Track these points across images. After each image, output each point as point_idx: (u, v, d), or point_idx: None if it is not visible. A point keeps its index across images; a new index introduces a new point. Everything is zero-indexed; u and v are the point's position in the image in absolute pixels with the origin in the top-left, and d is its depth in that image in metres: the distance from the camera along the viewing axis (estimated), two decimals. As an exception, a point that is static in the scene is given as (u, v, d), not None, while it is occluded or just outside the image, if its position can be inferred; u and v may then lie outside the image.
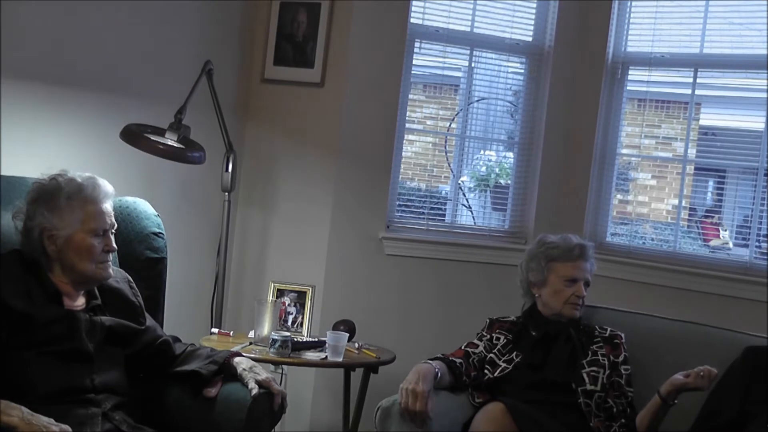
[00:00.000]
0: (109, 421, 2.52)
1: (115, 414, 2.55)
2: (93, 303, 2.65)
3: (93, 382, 2.54)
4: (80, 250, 2.57)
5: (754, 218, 4.23)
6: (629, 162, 4.75)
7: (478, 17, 4.46)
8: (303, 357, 3.54)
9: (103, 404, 2.53)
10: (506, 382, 3.12)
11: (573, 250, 3.24)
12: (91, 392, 2.53)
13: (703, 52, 4.36)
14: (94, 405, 2.51)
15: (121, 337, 2.69)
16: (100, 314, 2.64)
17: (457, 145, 4.62)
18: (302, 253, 4.25)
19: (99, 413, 2.50)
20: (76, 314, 2.57)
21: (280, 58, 4.23)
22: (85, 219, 2.58)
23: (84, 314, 2.59)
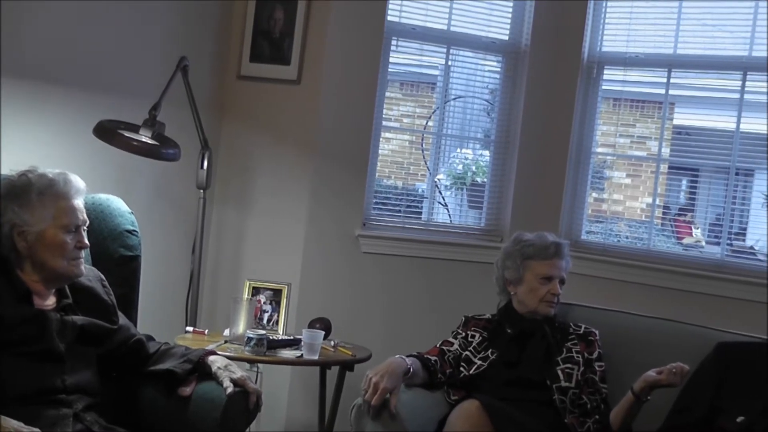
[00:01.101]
0: (80, 422, 2.49)
1: (87, 415, 2.53)
2: (64, 302, 2.62)
3: (64, 383, 2.51)
4: (52, 247, 2.54)
5: (726, 216, 4.27)
6: (604, 161, 4.78)
7: (455, 16, 4.46)
8: (278, 355, 3.53)
9: (75, 405, 2.51)
10: (482, 379, 3.13)
11: (549, 249, 3.26)
12: (63, 393, 2.50)
13: (676, 52, 4.39)
14: (66, 406, 2.49)
15: (94, 336, 2.67)
16: (71, 313, 2.61)
17: (434, 143, 4.62)
18: (278, 250, 4.24)
19: (70, 414, 2.48)
20: (47, 314, 2.54)
21: (256, 54, 4.22)
22: (56, 215, 2.56)
23: (55, 314, 2.56)
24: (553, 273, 3.24)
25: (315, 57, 4.18)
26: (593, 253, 4.40)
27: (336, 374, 3.77)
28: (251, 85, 4.25)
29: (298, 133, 4.24)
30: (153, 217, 3.89)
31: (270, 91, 4.24)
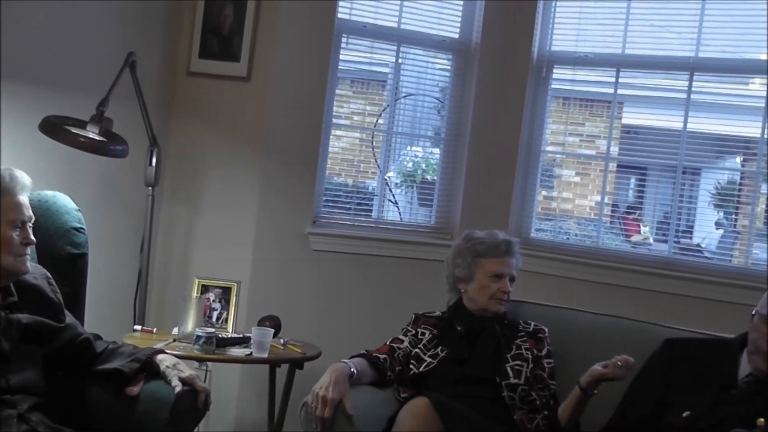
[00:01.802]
0: (25, 422, 2.46)
1: (32, 415, 2.49)
2: (9, 300, 2.58)
3: (8, 383, 2.48)
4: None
5: (673, 214, 4.32)
6: (554, 159, 4.82)
7: (405, 13, 4.46)
8: (227, 353, 3.51)
9: (19, 405, 2.47)
10: (431, 376, 3.13)
11: (499, 246, 3.27)
12: (7, 393, 2.47)
13: (625, 52, 4.44)
14: (9, 406, 2.45)
15: (39, 335, 2.63)
16: (16, 312, 2.58)
17: (384, 141, 4.63)
18: (228, 248, 4.21)
19: (14, 415, 2.44)
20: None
21: (205, 51, 4.18)
22: (2, 210, 2.52)
23: (0, 312, 2.53)
24: (503, 271, 3.25)
25: (265, 54, 4.16)
26: (543, 251, 4.43)
27: (285, 372, 3.76)
28: (201, 81, 4.22)
29: (248, 130, 4.21)
30: (100, 214, 3.84)
31: (219, 88, 4.20)
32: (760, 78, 4.25)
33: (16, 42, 3.52)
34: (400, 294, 4.38)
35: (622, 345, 3.28)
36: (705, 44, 4.26)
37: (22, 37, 3.55)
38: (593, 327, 3.41)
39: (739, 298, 3.79)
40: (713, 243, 5.11)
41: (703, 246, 4.89)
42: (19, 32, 3.53)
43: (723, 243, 5.06)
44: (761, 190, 4.43)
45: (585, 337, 3.37)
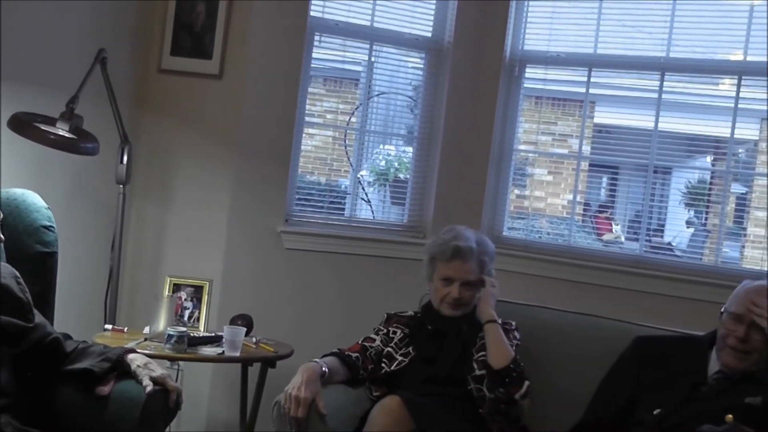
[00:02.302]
0: (-7, 424, 2.44)
1: (1, 416, 2.46)
2: (-24, 300, 2.56)
3: (-24, 384, 2.46)
4: (-36, 241, 2.48)
5: (644, 213, 4.35)
6: (526, 158, 4.83)
7: (378, 12, 4.46)
8: (199, 352, 3.50)
9: (-13, 406, 2.45)
10: (403, 375, 3.13)
11: (446, 251, 3.21)
12: (-25, 394, 2.44)
13: (597, 52, 4.46)
14: (-23, 407, 2.43)
15: (8, 335, 2.61)
16: (-16, 312, 2.56)
17: (357, 139, 4.62)
18: (200, 247, 4.20)
19: (-18, 416, 2.42)
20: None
21: (177, 48, 4.15)
22: (-33, 209, 2.49)
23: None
24: (451, 275, 3.20)
25: (237, 51, 4.14)
26: (515, 249, 4.45)
27: (258, 371, 3.74)
28: (172, 78, 4.19)
29: (220, 128, 4.19)
30: (71, 212, 3.81)
31: (192, 86, 4.18)
32: (729, 78, 4.29)
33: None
34: (372, 293, 4.37)
35: (593, 342, 3.32)
36: (676, 45, 4.29)
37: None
38: (565, 325, 3.42)
39: (709, 296, 3.82)
40: (684, 241, 5.16)
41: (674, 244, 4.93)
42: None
43: (693, 241, 5.10)
44: (731, 189, 4.47)
45: (557, 335, 3.39)
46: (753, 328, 2.80)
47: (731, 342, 2.83)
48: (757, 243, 4.34)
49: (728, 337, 2.84)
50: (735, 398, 2.73)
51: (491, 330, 3.08)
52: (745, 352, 2.82)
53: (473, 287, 3.22)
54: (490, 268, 3.29)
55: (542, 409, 3.22)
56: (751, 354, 2.82)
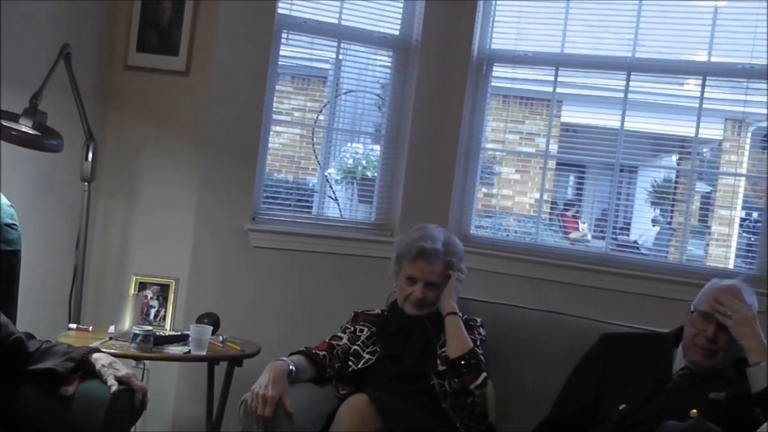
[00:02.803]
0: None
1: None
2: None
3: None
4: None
5: (611, 212, 4.38)
6: (494, 156, 4.84)
7: (346, 9, 4.45)
8: (165, 351, 3.47)
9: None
10: (370, 373, 3.13)
11: (411, 252, 3.22)
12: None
13: (564, 51, 4.48)
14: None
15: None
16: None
17: (325, 137, 4.61)
18: (166, 245, 4.17)
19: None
20: None
21: (143, 44, 4.12)
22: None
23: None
24: (415, 275, 3.21)
25: (204, 48, 4.12)
26: (482, 248, 4.46)
27: (224, 370, 3.73)
28: (139, 75, 4.16)
29: (187, 125, 4.17)
30: (34, 210, 3.76)
31: (158, 82, 4.15)
32: (694, 79, 4.33)
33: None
34: (340, 291, 4.37)
35: (559, 340, 3.34)
36: (641, 45, 4.33)
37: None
38: (532, 323, 3.44)
39: (675, 293, 3.85)
40: (649, 240, 5.19)
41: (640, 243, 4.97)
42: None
43: (659, 240, 5.14)
44: (696, 188, 4.52)
45: (524, 332, 3.41)
46: (721, 328, 2.84)
47: (700, 341, 2.86)
48: (721, 241, 4.39)
49: (697, 336, 2.87)
50: (699, 394, 2.76)
51: (451, 322, 3.11)
52: (713, 351, 2.85)
53: (437, 288, 3.22)
54: (460, 268, 3.29)
55: (509, 406, 3.23)
56: (717, 353, 2.85)
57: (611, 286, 4.19)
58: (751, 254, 4.16)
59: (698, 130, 4.21)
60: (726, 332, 2.83)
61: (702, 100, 4.21)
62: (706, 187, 4.82)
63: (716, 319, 2.83)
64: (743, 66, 4.12)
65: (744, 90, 4.15)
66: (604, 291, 4.19)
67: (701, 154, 4.58)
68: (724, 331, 2.83)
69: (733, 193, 4.34)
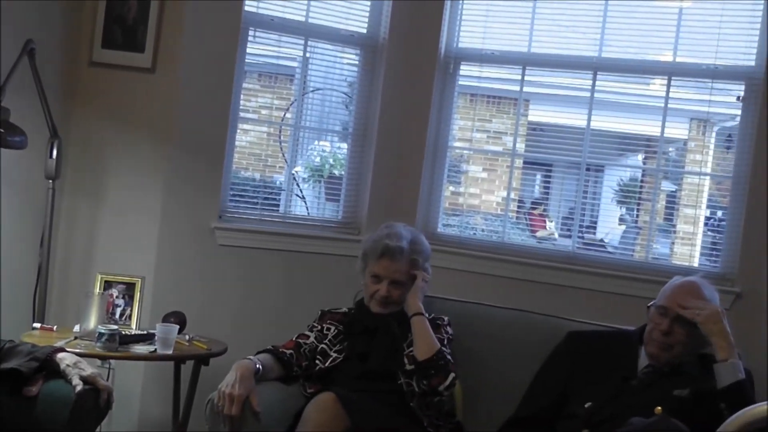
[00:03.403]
0: None
1: None
2: None
3: None
4: None
5: (577, 210, 4.40)
6: (461, 155, 4.85)
7: (313, 7, 4.44)
8: (131, 351, 3.45)
9: None
10: (337, 372, 3.13)
11: (377, 250, 3.23)
12: None
13: (531, 51, 4.50)
14: None
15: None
16: None
17: (292, 136, 4.59)
18: (132, 243, 4.13)
19: None
20: None
21: (109, 41, 4.08)
22: None
23: None
24: (381, 273, 3.21)
25: (170, 45, 4.09)
26: (449, 246, 4.46)
27: (191, 369, 3.71)
28: (104, 72, 4.12)
29: (153, 122, 4.14)
30: (-2, 208, 3.72)
31: (124, 79, 4.12)
32: (660, 79, 4.36)
33: None
34: (306, 289, 4.36)
35: (526, 338, 3.36)
36: (608, 45, 4.35)
37: None
38: (499, 321, 3.46)
39: (640, 291, 3.88)
40: (616, 238, 5.24)
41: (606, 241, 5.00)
42: None
43: (625, 238, 5.19)
44: (661, 187, 4.55)
45: (491, 331, 3.42)
46: (676, 322, 2.87)
47: (655, 335, 2.90)
48: (686, 240, 4.42)
49: (653, 330, 2.92)
50: (664, 391, 2.80)
51: (417, 323, 3.11)
52: (668, 344, 2.88)
53: (402, 286, 3.22)
54: (425, 267, 3.29)
55: (476, 404, 3.25)
56: (674, 347, 2.89)
57: (578, 284, 4.21)
58: (716, 252, 4.20)
59: (664, 129, 4.25)
60: (683, 327, 2.86)
61: (667, 99, 4.24)
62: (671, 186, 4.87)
63: (672, 314, 2.87)
64: (708, 66, 4.16)
65: (708, 90, 4.18)
66: (571, 289, 4.21)
67: (666, 154, 4.62)
68: (680, 326, 2.87)
69: (697, 192, 4.38)
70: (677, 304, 2.89)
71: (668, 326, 2.87)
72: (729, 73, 4.14)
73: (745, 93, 4.08)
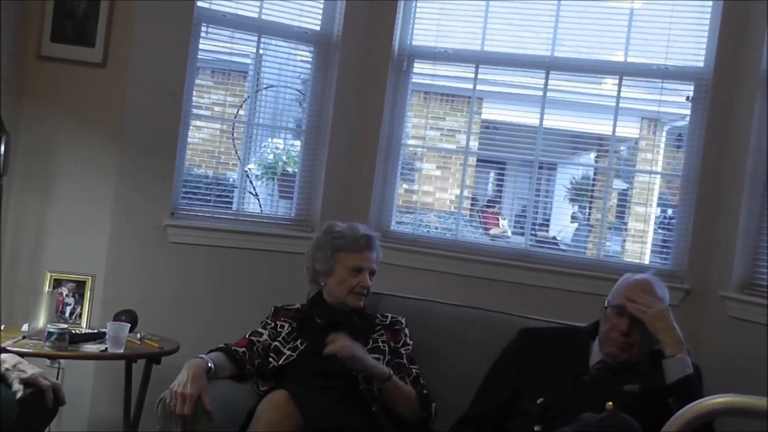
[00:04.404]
0: None
1: None
2: None
3: None
4: None
5: (530, 208, 4.43)
6: (415, 153, 4.86)
7: (266, 4, 4.42)
8: (81, 350, 3.42)
9: None
10: (291, 369, 3.12)
11: (359, 241, 3.26)
12: None
13: (484, 49, 4.52)
14: None
15: None
16: None
17: (245, 133, 4.57)
18: (82, 241, 4.08)
19: None
20: None
21: (58, 35, 4.02)
22: None
23: None
24: (363, 265, 3.25)
25: (121, 40, 4.04)
26: (403, 244, 4.47)
27: (142, 368, 3.67)
28: (53, 66, 4.06)
29: (104, 118, 4.09)
30: (-57, 204, 3.65)
31: (74, 74, 4.06)
32: (612, 78, 4.41)
33: None
34: (260, 287, 4.34)
35: (479, 335, 3.37)
36: (560, 45, 4.39)
37: None
38: (452, 318, 3.47)
39: (592, 288, 3.92)
40: (568, 236, 5.27)
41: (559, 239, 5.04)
42: None
43: (577, 236, 5.23)
44: (613, 186, 4.60)
45: (444, 328, 3.43)
46: (635, 322, 2.89)
47: (614, 335, 2.91)
48: (637, 237, 4.48)
49: (611, 330, 2.93)
50: (615, 387, 2.82)
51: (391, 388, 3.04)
52: (628, 344, 2.91)
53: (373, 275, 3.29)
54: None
55: (430, 401, 3.24)
56: (633, 346, 2.91)
57: (531, 281, 4.24)
58: (666, 250, 4.25)
59: (615, 128, 4.29)
60: (640, 326, 2.88)
61: (619, 99, 4.29)
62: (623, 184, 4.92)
63: (629, 313, 2.89)
64: (658, 67, 4.21)
65: (659, 90, 4.23)
66: (524, 286, 4.24)
67: (618, 152, 4.67)
68: (637, 325, 2.89)
69: (648, 190, 4.44)
70: (627, 298, 2.91)
71: (627, 326, 2.89)
72: (679, 73, 4.19)
73: (695, 93, 4.14)
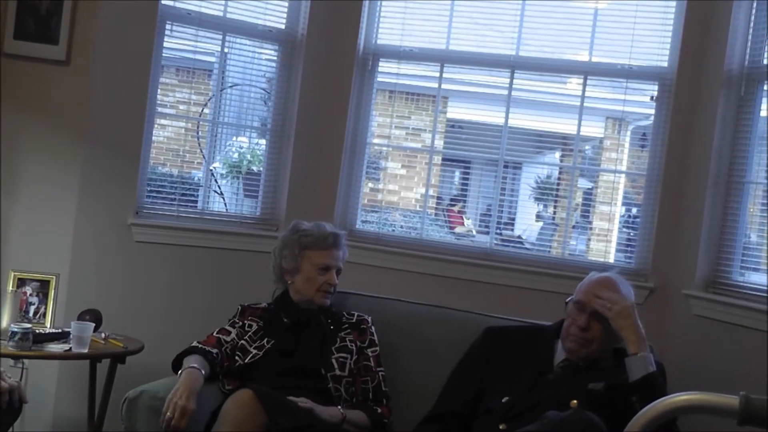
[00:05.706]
0: None
1: None
2: None
3: None
4: None
5: (495, 207, 4.45)
6: (380, 151, 4.87)
7: (231, 2, 4.40)
8: (45, 349, 3.39)
9: None
10: (257, 368, 3.11)
11: (327, 239, 3.28)
12: None
13: (449, 48, 4.53)
14: None
15: None
16: None
17: (210, 131, 4.55)
18: (46, 239, 4.05)
19: None
20: None
21: (21, 32, 3.97)
22: None
23: None
24: (330, 263, 3.27)
25: (85, 37, 4.01)
26: (368, 242, 4.47)
27: (107, 368, 3.65)
28: (16, 63, 4.01)
29: (68, 116, 4.05)
30: None
31: (37, 71, 4.02)
32: (576, 78, 4.44)
33: None
34: (225, 286, 4.33)
35: (444, 334, 3.39)
36: (525, 44, 4.41)
37: None
38: (417, 317, 3.48)
39: (557, 287, 3.95)
40: (533, 234, 5.31)
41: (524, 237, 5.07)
42: None
43: (542, 234, 5.26)
44: (577, 185, 4.64)
45: (409, 327, 3.44)
46: (594, 318, 2.92)
47: (573, 330, 2.94)
48: (602, 236, 4.52)
49: (571, 326, 2.96)
50: (579, 385, 2.84)
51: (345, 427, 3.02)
52: (586, 339, 2.93)
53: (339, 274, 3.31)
54: None
55: (396, 400, 3.25)
56: (592, 342, 2.94)
57: (495, 280, 4.26)
58: (630, 248, 4.29)
59: (580, 127, 4.32)
60: (600, 322, 2.91)
61: (583, 98, 4.31)
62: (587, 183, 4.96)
63: (589, 309, 2.92)
64: (622, 66, 4.25)
65: (623, 90, 4.27)
66: (489, 285, 4.26)
67: (583, 152, 4.71)
68: (597, 321, 2.92)
69: (613, 189, 4.48)
70: (593, 295, 2.94)
71: (586, 322, 2.92)
72: (643, 73, 4.23)
73: (658, 93, 4.18)
